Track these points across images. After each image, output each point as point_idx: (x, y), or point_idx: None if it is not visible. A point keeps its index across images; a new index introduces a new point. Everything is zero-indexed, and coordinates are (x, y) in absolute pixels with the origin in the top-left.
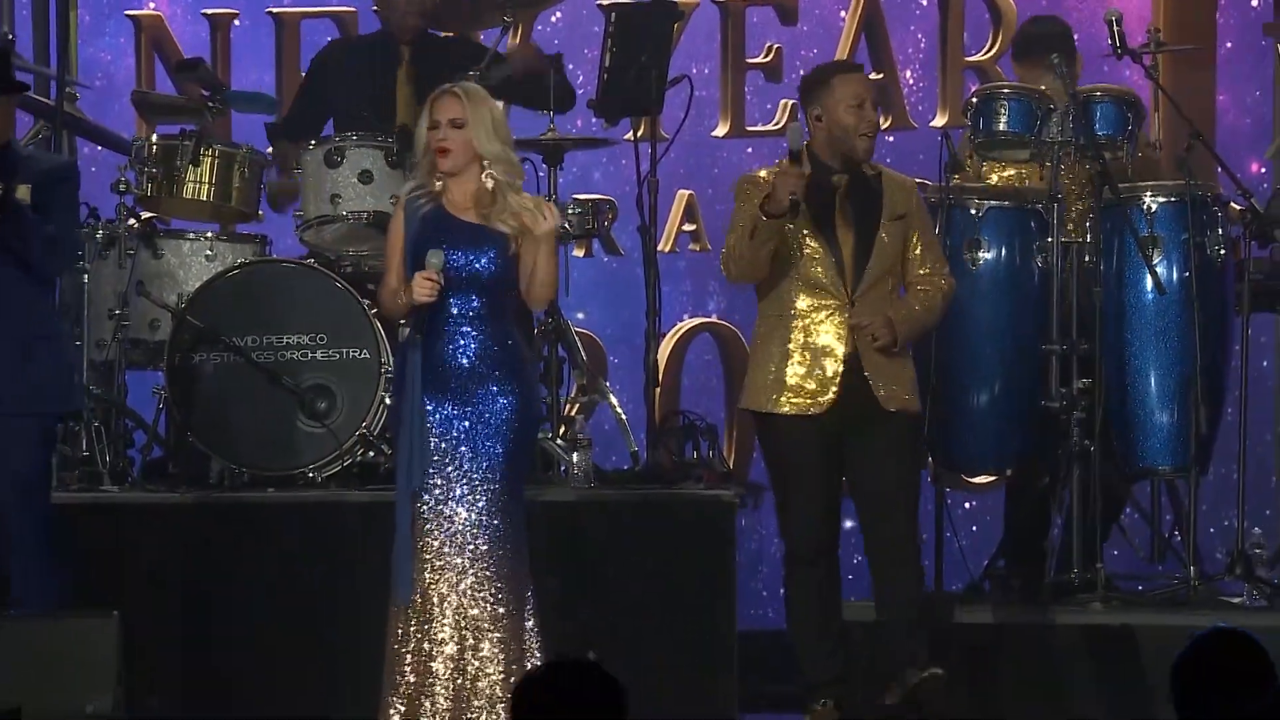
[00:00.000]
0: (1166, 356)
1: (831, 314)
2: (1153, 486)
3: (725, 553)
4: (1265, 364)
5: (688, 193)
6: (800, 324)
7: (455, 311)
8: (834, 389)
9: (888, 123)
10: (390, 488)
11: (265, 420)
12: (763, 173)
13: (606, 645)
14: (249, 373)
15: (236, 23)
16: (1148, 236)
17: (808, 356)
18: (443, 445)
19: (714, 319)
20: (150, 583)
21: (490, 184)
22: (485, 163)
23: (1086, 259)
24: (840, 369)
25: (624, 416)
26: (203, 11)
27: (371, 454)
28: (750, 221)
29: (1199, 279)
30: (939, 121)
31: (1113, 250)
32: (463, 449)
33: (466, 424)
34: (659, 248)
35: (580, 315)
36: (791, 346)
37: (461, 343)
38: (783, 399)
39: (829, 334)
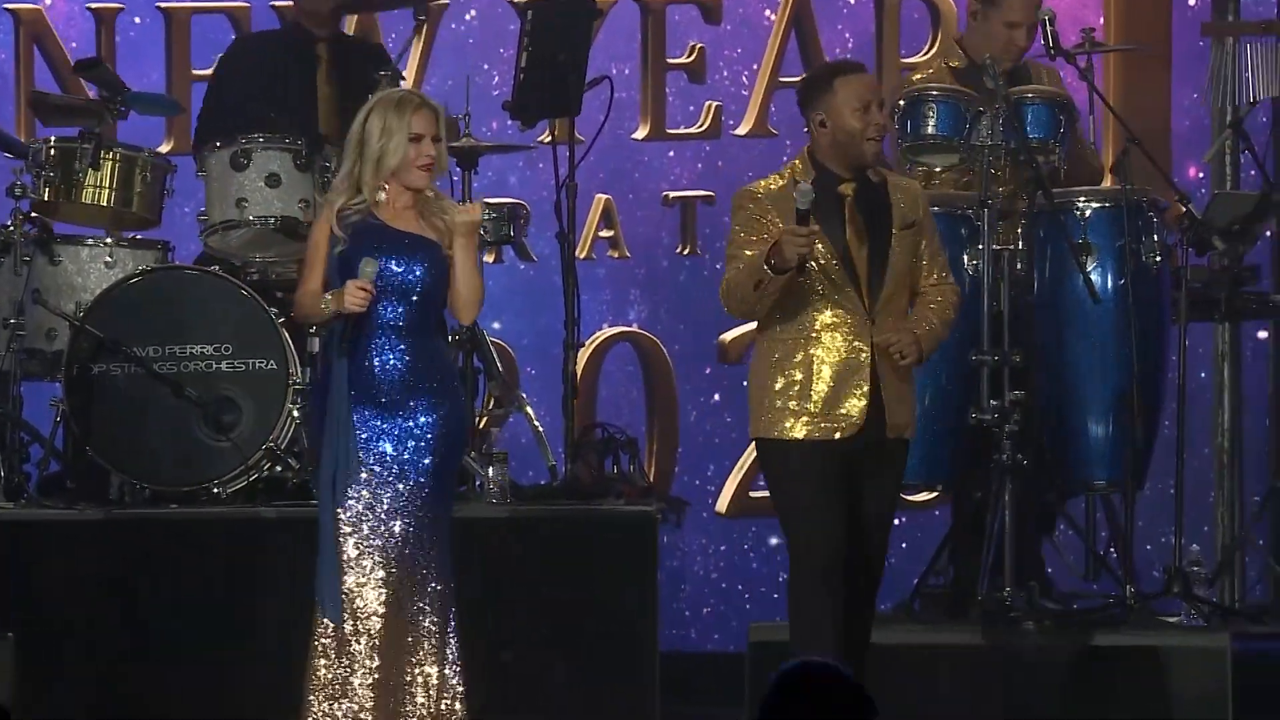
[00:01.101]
0: (1101, 367)
1: (852, 332)
2: (1088, 502)
3: (647, 571)
4: (1203, 375)
5: (605, 197)
6: (821, 345)
7: (385, 321)
8: (856, 413)
9: None
10: (299, 503)
11: (167, 434)
12: (760, 186)
13: (524, 668)
14: (151, 384)
15: (137, 20)
16: (1082, 243)
17: (832, 379)
18: (371, 459)
19: (634, 328)
20: (47, 603)
21: (432, 193)
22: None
23: (1018, 266)
24: (868, 389)
25: (541, 430)
26: (88, 5)
27: (279, 469)
28: (752, 270)
29: (1135, 287)
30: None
31: (1045, 257)
32: (391, 463)
33: (395, 436)
34: (576, 254)
35: (496, 325)
36: (814, 369)
37: (391, 353)
38: (806, 425)
39: (852, 354)
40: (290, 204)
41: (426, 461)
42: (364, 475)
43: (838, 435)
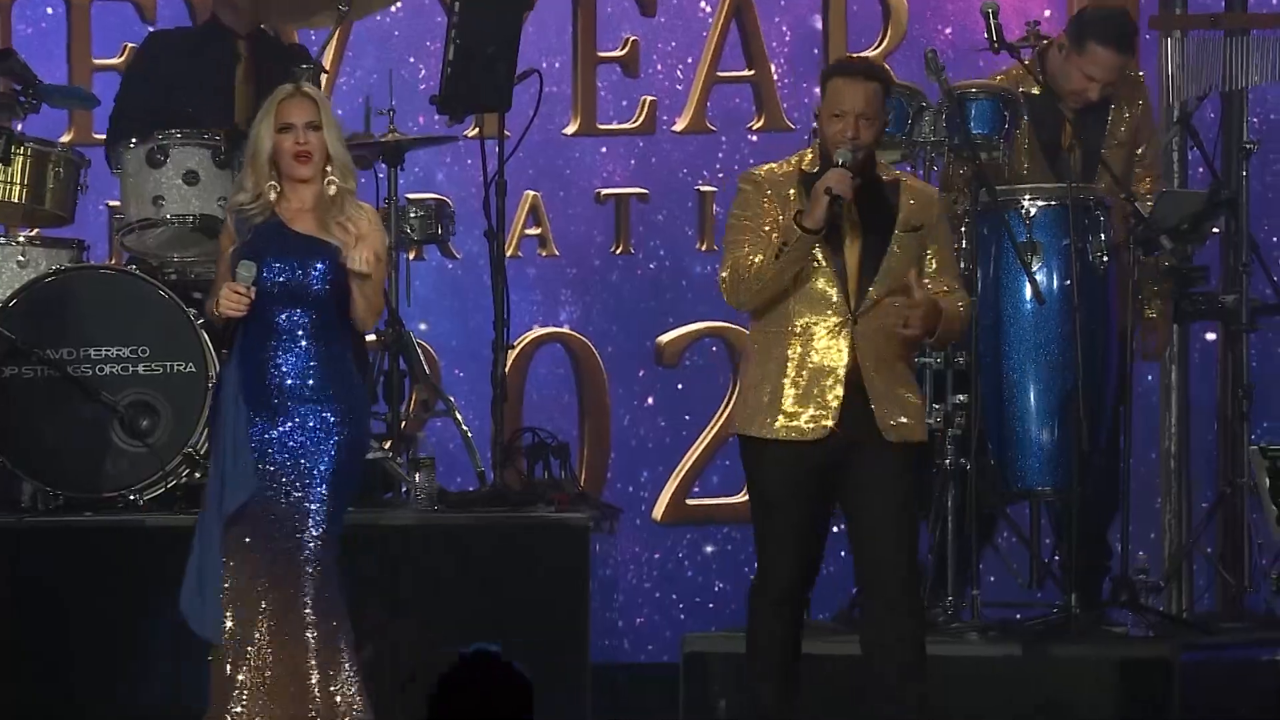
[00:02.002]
0: (1046, 370)
1: (832, 331)
2: (1032, 508)
3: (578, 580)
4: (1150, 378)
5: (533, 194)
6: (799, 341)
7: (283, 326)
8: (833, 413)
9: (759, 123)
10: None
11: (82, 439)
12: (762, 169)
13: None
14: (64, 388)
15: (50, 11)
16: (1026, 242)
17: (805, 377)
18: (268, 468)
19: (566, 330)
20: None
21: (333, 190)
22: (328, 168)
23: (961, 266)
24: (841, 391)
25: (469, 434)
26: None
27: (197, 475)
28: (780, 235)
29: (1081, 287)
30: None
31: (989, 257)
32: (287, 471)
33: (291, 444)
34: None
35: (423, 325)
36: (789, 366)
37: (288, 359)
38: (777, 423)
39: (829, 352)
40: (209, 202)
41: (323, 470)
42: (257, 484)
43: (809, 437)
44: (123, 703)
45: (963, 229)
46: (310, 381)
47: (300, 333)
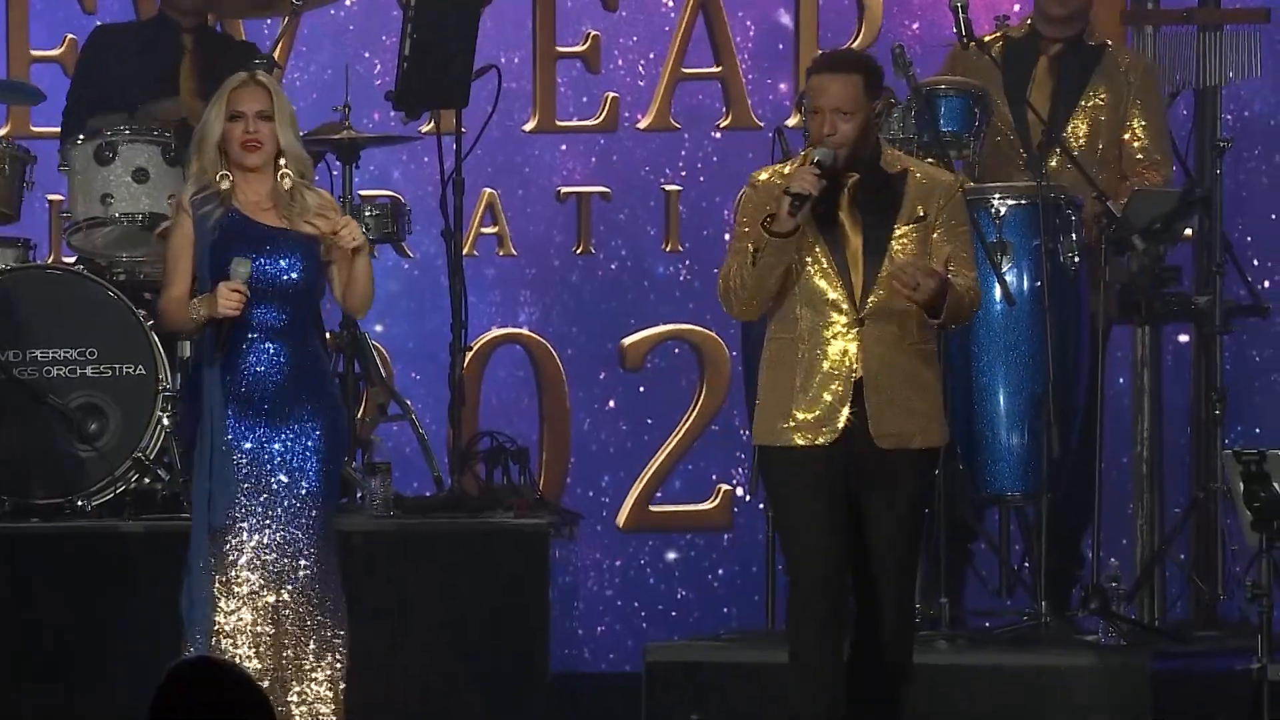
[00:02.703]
0: (1016, 373)
1: (839, 334)
2: (1001, 514)
3: (538, 587)
4: (1121, 380)
5: (490, 192)
6: (806, 346)
7: (257, 324)
8: (840, 420)
9: (727, 120)
10: (169, 517)
11: (28, 443)
12: (763, 174)
13: (410, 689)
14: (10, 391)
15: None
16: (996, 242)
17: (812, 383)
18: (254, 472)
19: (525, 331)
20: None
21: (287, 183)
22: (281, 160)
23: None
24: (847, 397)
25: (426, 438)
26: None
27: (148, 480)
28: (753, 242)
29: (1051, 289)
30: (793, 122)
31: None
32: (278, 475)
33: (279, 447)
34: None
35: (378, 327)
36: (798, 372)
37: (268, 359)
38: (787, 431)
39: (835, 356)
40: (158, 200)
41: (310, 470)
42: (247, 489)
43: (821, 441)
44: (72, 714)
45: None
46: (293, 381)
47: (277, 328)
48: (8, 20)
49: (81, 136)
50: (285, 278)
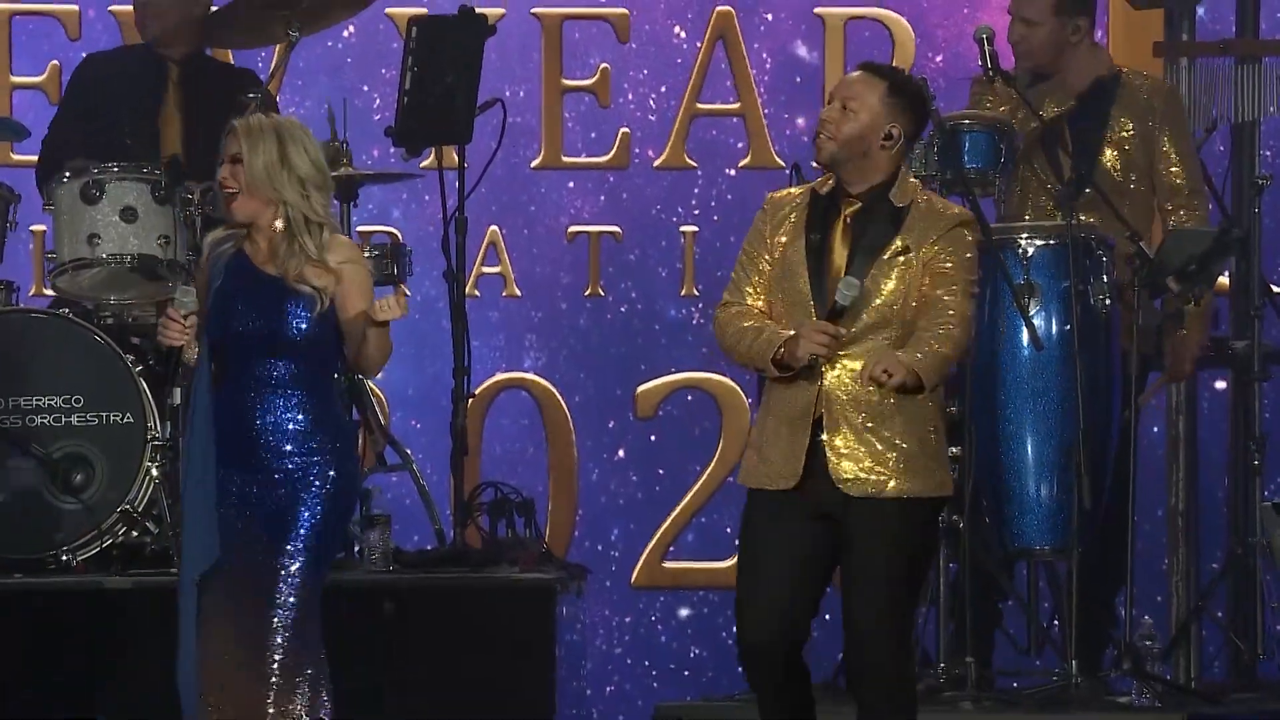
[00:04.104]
0: (1045, 421)
1: (808, 371)
2: (1030, 569)
3: (543, 645)
4: (1155, 429)
5: (494, 229)
6: (783, 383)
7: (259, 377)
8: (800, 462)
9: (746, 159)
10: (157, 571)
11: (11, 494)
12: (779, 193)
13: None
14: None
15: None
16: (1024, 284)
17: (781, 421)
18: (242, 526)
19: (530, 376)
20: None
21: (280, 224)
22: (285, 206)
23: None
24: (806, 438)
25: (428, 489)
26: None
27: (135, 533)
28: (756, 351)
29: (1082, 332)
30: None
31: (984, 299)
32: (266, 528)
33: (270, 500)
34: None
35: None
36: (770, 410)
37: (269, 413)
38: (754, 472)
39: (802, 394)
40: (148, 241)
41: (305, 526)
42: (237, 545)
43: (781, 485)
44: None
45: None
46: (293, 435)
47: (279, 381)
48: None
49: (67, 174)
50: (291, 330)
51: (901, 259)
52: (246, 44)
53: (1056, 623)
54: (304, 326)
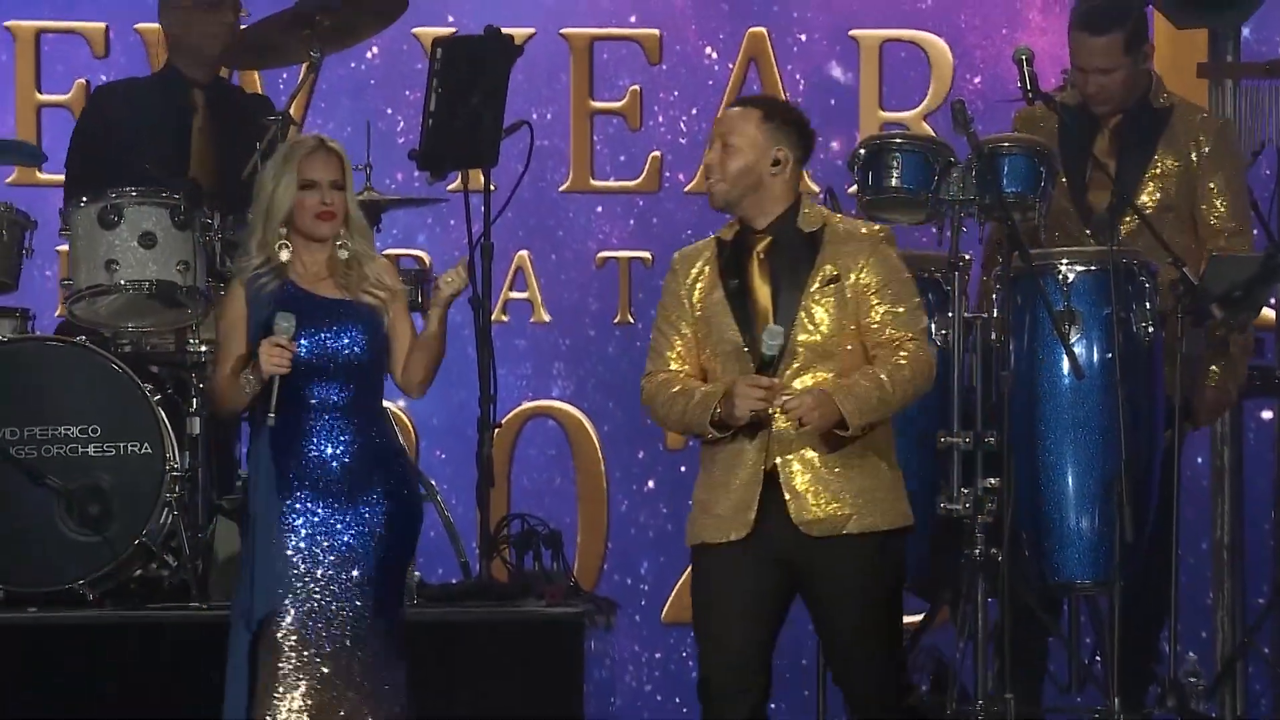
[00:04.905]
0: (1085, 452)
1: (750, 425)
2: (1071, 604)
3: (571, 682)
4: (1200, 460)
5: (523, 254)
6: (722, 440)
7: (317, 402)
8: (751, 508)
9: None
10: (178, 606)
11: (26, 527)
12: (689, 247)
13: None
14: (7, 471)
15: None
16: (1064, 311)
17: (726, 470)
18: (311, 557)
19: (558, 404)
20: None
21: (345, 254)
22: (342, 230)
23: (993, 336)
24: (757, 484)
25: (452, 521)
26: None
27: (154, 566)
28: (690, 415)
29: (1123, 361)
30: (852, 191)
31: (1023, 327)
32: (332, 561)
33: (339, 533)
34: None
35: (400, 402)
36: (716, 460)
37: (330, 438)
38: (700, 526)
39: (750, 446)
40: (167, 267)
41: (373, 562)
42: (300, 575)
43: (731, 537)
44: None
45: (994, 296)
46: (357, 461)
47: (340, 406)
48: (15, 64)
49: (85, 199)
50: (348, 352)
51: (832, 287)
52: (267, 65)
53: (1098, 659)
54: (361, 349)
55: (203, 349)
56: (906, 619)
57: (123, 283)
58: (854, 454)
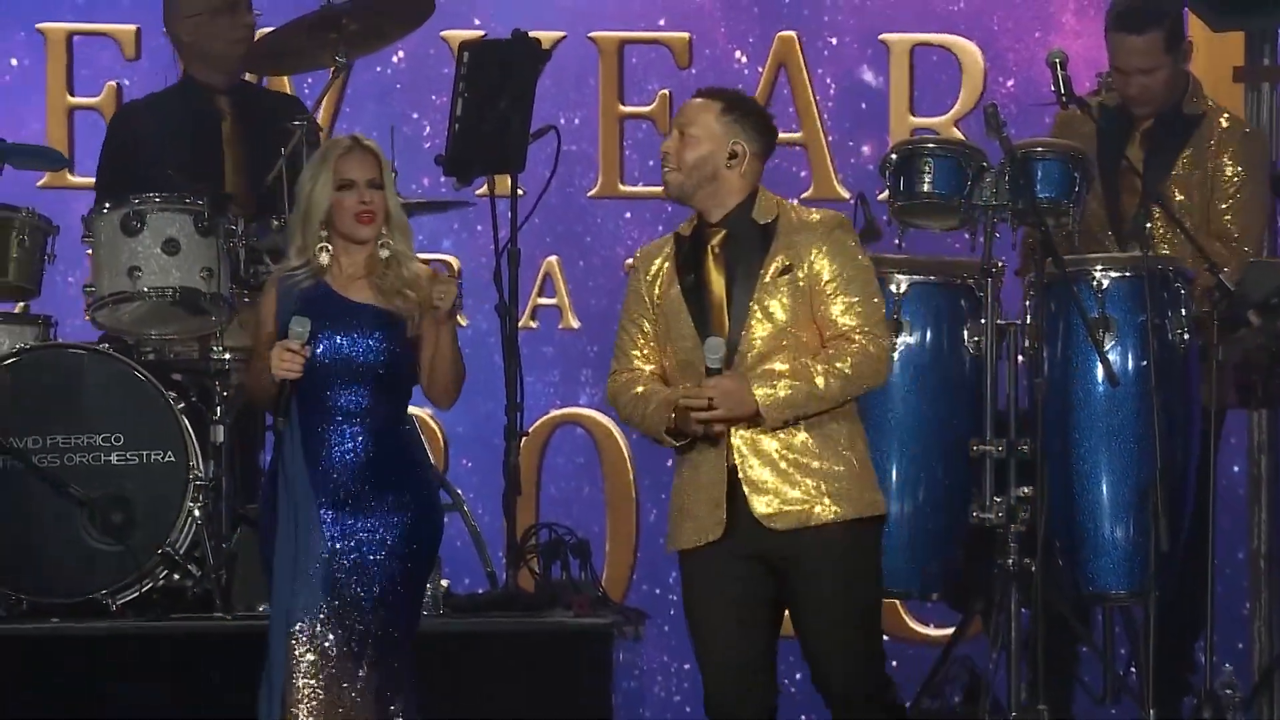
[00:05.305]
0: (1120, 460)
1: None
2: (1105, 614)
3: (600, 692)
4: (1236, 469)
5: (553, 259)
6: (687, 445)
7: (342, 406)
8: (723, 509)
9: (810, 190)
10: (201, 616)
11: (49, 537)
12: (656, 244)
13: None
14: (29, 480)
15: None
16: (1098, 318)
17: (697, 472)
18: (329, 565)
19: (586, 412)
20: None
21: (386, 254)
22: (383, 229)
23: (1026, 344)
24: (722, 483)
25: (479, 531)
26: None
27: (178, 576)
28: (648, 422)
29: (1159, 368)
30: (883, 197)
31: (1057, 334)
32: (355, 569)
33: (356, 542)
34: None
35: (427, 410)
36: (686, 463)
37: (351, 444)
38: (680, 532)
39: (711, 448)
40: (190, 273)
41: (391, 571)
42: (317, 583)
43: (709, 539)
44: None
45: (1027, 302)
46: (378, 469)
47: (363, 411)
48: (47, 66)
49: (107, 205)
50: (370, 357)
51: (786, 278)
52: (291, 70)
53: (1133, 670)
54: (389, 352)
55: (226, 356)
56: (938, 630)
57: (146, 289)
58: (813, 445)
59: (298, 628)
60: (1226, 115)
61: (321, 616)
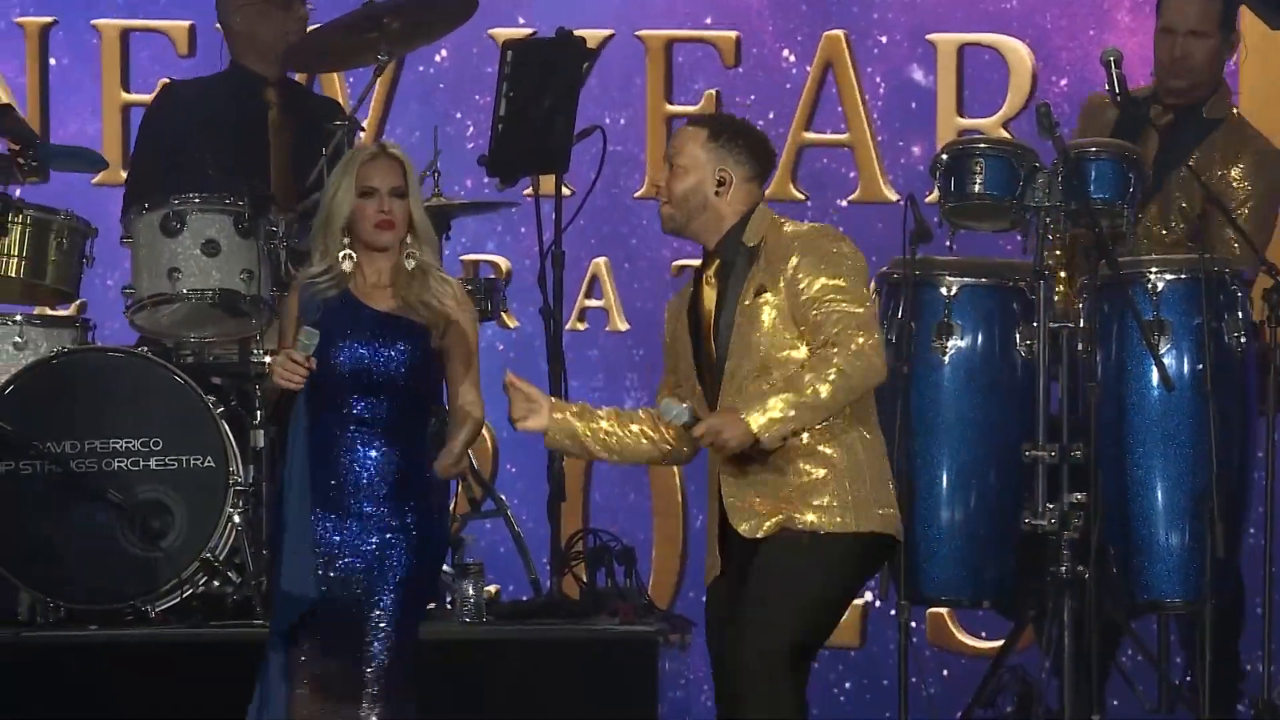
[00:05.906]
0: (1175, 466)
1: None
2: (1160, 622)
3: (645, 702)
4: None
5: (600, 260)
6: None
7: (359, 415)
8: (717, 544)
9: (857, 192)
10: (240, 623)
11: (86, 543)
12: (674, 300)
13: None
14: (68, 485)
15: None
16: (1153, 321)
17: (711, 502)
18: (334, 574)
19: None
20: None
21: (412, 264)
22: (408, 238)
23: (1080, 347)
24: (716, 510)
25: (523, 537)
26: (15, 19)
27: (217, 583)
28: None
29: (1215, 372)
30: (933, 199)
31: (1111, 337)
32: (356, 578)
33: (363, 548)
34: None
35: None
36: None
37: (365, 454)
38: (708, 566)
39: (711, 466)
40: (231, 275)
41: (396, 576)
42: (316, 594)
43: (715, 574)
44: None
45: (1079, 305)
46: (388, 479)
47: (378, 424)
48: (101, 63)
49: (146, 205)
50: (391, 367)
51: (761, 299)
52: (332, 68)
53: (1189, 679)
54: (408, 364)
55: (266, 359)
56: (986, 643)
57: (185, 291)
58: (785, 457)
59: (300, 643)
60: (1251, 130)
61: (321, 627)
